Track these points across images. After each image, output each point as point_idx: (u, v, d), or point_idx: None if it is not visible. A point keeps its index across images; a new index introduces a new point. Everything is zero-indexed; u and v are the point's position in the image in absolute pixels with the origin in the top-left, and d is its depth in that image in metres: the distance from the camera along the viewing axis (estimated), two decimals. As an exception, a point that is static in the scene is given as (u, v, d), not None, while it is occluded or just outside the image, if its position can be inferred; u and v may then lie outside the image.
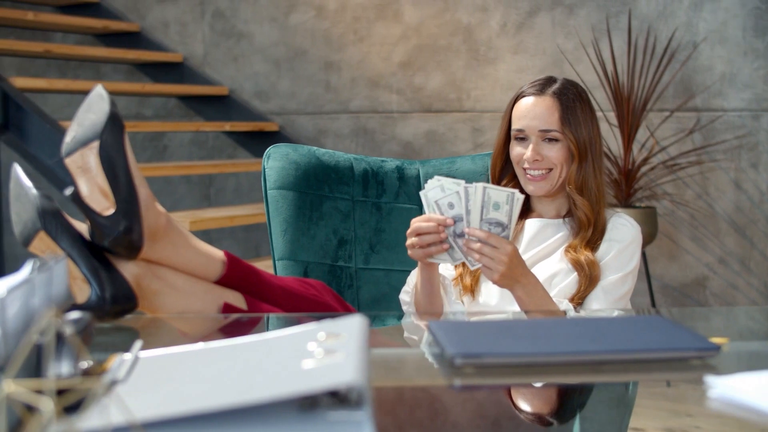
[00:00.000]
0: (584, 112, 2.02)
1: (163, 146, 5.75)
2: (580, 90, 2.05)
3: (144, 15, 5.70)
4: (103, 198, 1.51)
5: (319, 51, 5.16)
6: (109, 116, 1.55)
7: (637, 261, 2.05)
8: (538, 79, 2.08)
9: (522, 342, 1.19)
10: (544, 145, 2.02)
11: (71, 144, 1.56)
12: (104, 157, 1.53)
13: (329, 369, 0.93)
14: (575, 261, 2.00)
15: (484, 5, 4.69)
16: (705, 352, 1.16)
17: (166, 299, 1.55)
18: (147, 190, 1.57)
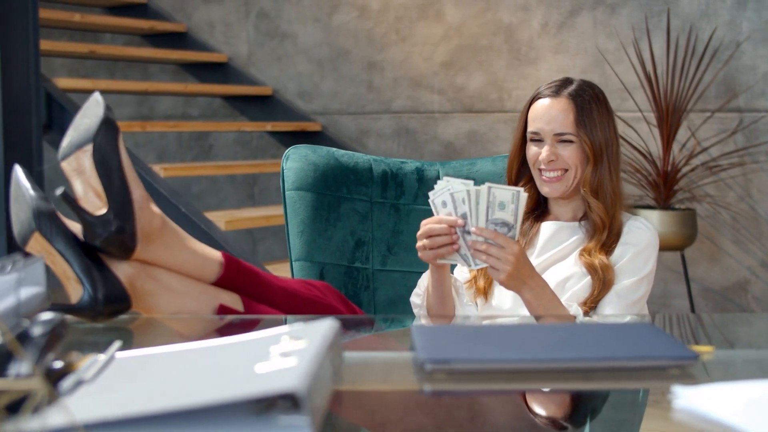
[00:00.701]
0: (600, 114, 1.99)
1: (209, 146, 5.80)
2: (596, 91, 2.03)
3: (190, 15, 5.75)
4: (97, 199, 1.53)
5: (361, 51, 5.16)
6: (103, 120, 1.58)
7: (652, 265, 2.01)
8: (555, 81, 2.06)
9: (497, 348, 1.17)
10: (559, 146, 2.00)
11: (67, 148, 1.59)
12: (98, 159, 1.55)
13: (276, 374, 0.93)
14: (589, 265, 1.98)
15: (525, 5, 4.66)
16: (681, 360, 1.14)
17: (160, 300, 1.55)
18: (141, 192, 1.58)
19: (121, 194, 1.52)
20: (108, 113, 1.59)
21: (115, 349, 1.22)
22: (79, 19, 5.02)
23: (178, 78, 5.77)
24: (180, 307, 1.57)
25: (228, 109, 5.66)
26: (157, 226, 1.57)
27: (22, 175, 1.55)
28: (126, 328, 1.54)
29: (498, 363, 1.13)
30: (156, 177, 4.06)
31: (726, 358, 1.35)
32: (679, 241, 3.87)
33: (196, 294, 1.59)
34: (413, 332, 1.27)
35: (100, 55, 4.93)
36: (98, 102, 1.61)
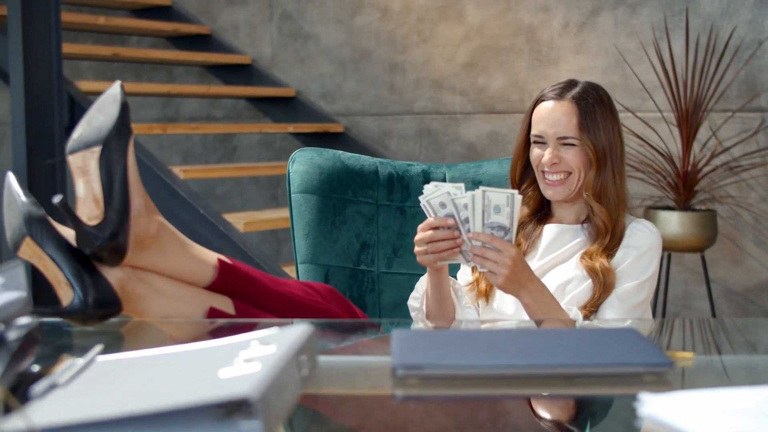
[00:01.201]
0: (604, 117, 1.98)
1: (233, 147, 5.82)
2: (601, 93, 2.02)
3: (215, 17, 5.78)
4: (95, 206, 1.54)
5: (383, 52, 5.17)
6: (117, 122, 1.56)
7: (654, 268, 2.00)
8: (559, 83, 2.05)
9: (471, 354, 1.17)
10: (562, 149, 1.99)
11: (76, 143, 1.58)
12: (104, 164, 1.55)
13: (235, 380, 0.93)
14: (590, 268, 1.97)
15: (546, 5, 4.64)
16: (656, 367, 1.13)
17: (151, 303, 1.56)
18: (141, 200, 1.58)
19: (119, 204, 1.53)
20: (123, 113, 1.58)
21: (95, 353, 1.23)
22: (104, 22, 5.06)
23: (203, 80, 5.81)
24: (171, 311, 1.58)
25: (252, 110, 5.68)
26: (152, 234, 1.58)
27: (15, 181, 1.57)
28: (117, 331, 1.55)
29: (469, 369, 1.13)
30: (175, 179, 4.09)
31: (707, 363, 1.34)
32: (700, 243, 3.84)
33: (187, 298, 1.60)
34: (392, 337, 1.27)
35: (123, 57, 4.96)
36: (116, 97, 1.60)
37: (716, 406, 1.00)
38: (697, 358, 1.36)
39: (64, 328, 1.52)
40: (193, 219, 4.01)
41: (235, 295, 1.67)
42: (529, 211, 2.12)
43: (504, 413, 1.48)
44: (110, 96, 1.61)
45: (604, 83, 4.44)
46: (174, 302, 1.58)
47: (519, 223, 2.10)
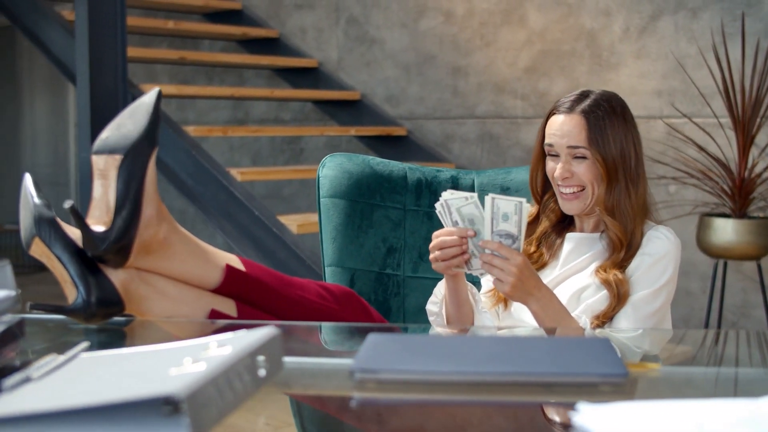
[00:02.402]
0: (615, 129, 1.96)
1: (300, 149, 5.91)
2: (614, 104, 1.99)
3: (284, 21, 5.87)
4: (105, 210, 1.58)
5: (447, 56, 5.19)
6: (143, 134, 1.60)
7: (669, 275, 1.98)
8: (572, 95, 2.03)
9: (431, 360, 1.19)
10: (574, 162, 1.98)
11: (101, 145, 1.63)
12: (122, 173, 1.59)
13: (172, 378, 0.97)
14: (604, 280, 1.96)
15: (607, 9, 4.61)
16: (610, 378, 1.14)
17: (153, 304, 1.62)
18: (153, 210, 1.61)
19: (129, 213, 1.57)
20: (151, 128, 1.61)
21: (78, 350, 1.29)
22: (173, 26, 5.18)
23: (272, 83, 5.90)
24: (173, 312, 1.63)
25: (318, 113, 5.76)
26: (159, 240, 1.62)
27: (30, 183, 1.63)
28: (120, 329, 1.61)
29: (422, 374, 1.15)
30: (233, 181, 4.17)
31: (674, 374, 1.34)
32: (756, 251, 3.78)
33: (189, 300, 1.65)
34: (365, 341, 1.30)
35: (190, 60, 5.08)
36: (148, 106, 1.63)
37: (652, 419, 1.00)
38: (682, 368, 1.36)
39: (69, 325, 1.58)
40: (249, 221, 4.09)
41: (240, 298, 1.72)
42: (550, 223, 2.11)
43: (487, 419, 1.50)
44: (144, 104, 1.65)
45: (663, 89, 4.41)
46: (176, 303, 1.63)
47: (542, 234, 2.11)
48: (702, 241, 3.86)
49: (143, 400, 0.94)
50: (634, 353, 1.75)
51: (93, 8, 4.20)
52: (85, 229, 1.56)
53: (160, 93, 1.66)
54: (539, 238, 2.10)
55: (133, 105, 1.66)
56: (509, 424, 1.11)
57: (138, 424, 0.95)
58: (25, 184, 1.64)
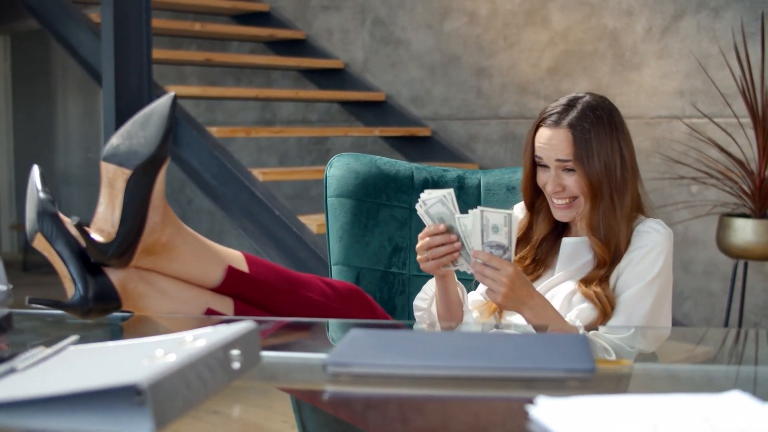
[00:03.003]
0: (600, 141, 1.94)
1: (326, 149, 5.95)
2: (599, 113, 1.96)
3: (311, 23, 5.91)
4: (110, 221, 1.61)
5: (471, 57, 5.21)
6: (155, 151, 1.60)
7: (660, 268, 1.97)
8: (559, 104, 2.01)
9: (403, 355, 1.22)
10: (564, 174, 1.98)
11: (111, 153, 1.63)
12: (130, 188, 1.60)
13: (140, 369, 1.01)
14: (586, 295, 1.96)
15: (629, 9, 4.60)
16: (575, 373, 1.16)
17: (151, 302, 1.65)
18: (159, 217, 1.63)
19: (133, 224, 1.59)
20: (163, 143, 1.60)
21: (66, 344, 1.33)
22: (200, 28, 5.24)
23: (299, 84, 5.95)
24: (170, 309, 1.66)
25: (344, 114, 5.80)
26: (162, 243, 1.64)
27: (38, 176, 1.67)
28: (118, 324, 1.65)
29: (393, 368, 1.18)
30: (254, 181, 4.22)
31: (644, 371, 1.36)
32: (775, 252, 3.76)
33: (187, 298, 1.68)
34: (346, 336, 1.33)
35: (216, 62, 5.13)
36: (163, 117, 1.62)
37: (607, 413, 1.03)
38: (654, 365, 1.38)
39: (68, 320, 1.62)
40: (270, 220, 4.13)
41: (241, 297, 1.75)
42: (545, 229, 2.11)
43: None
44: (159, 112, 1.64)
45: (686, 88, 4.40)
46: (174, 302, 1.67)
47: (537, 241, 2.11)
48: (722, 241, 3.85)
49: (109, 389, 0.98)
50: (627, 353, 1.76)
51: (118, 11, 4.26)
52: (89, 242, 1.59)
53: (174, 98, 1.65)
54: (534, 246, 2.10)
55: (146, 111, 1.65)
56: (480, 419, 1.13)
57: (106, 411, 0.99)
58: (33, 176, 1.67)
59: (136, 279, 1.64)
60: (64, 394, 0.99)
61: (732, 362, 1.54)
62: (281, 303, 1.77)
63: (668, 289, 2.03)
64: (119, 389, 0.97)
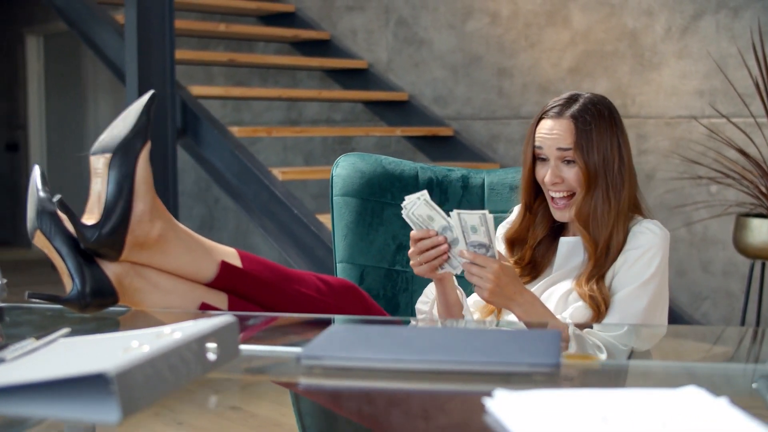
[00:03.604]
0: (600, 133, 1.98)
1: (351, 149, 6.00)
2: (601, 108, 2.01)
3: (335, 23, 5.96)
4: (97, 206, 1.69)
5: (493, 57, 5.23)
6: (129, 133, 1.71)
7: (655, 268, 1.98)
8: (561, 98, 2.06)
9: (375, 348, 1.26)
10: (563, 167, 2.01)
11: (97, 146, 1.74)
12: (112, 170, 1.69)
13: (111, 359, 1.06)
14: (581, 295, 1.99)
15: (649, 9, 4.61)
16: (539, 367, 1.19)
17: (146, 296, 1.71)
18: (146, 206, 1.70)
19: (119, 208, 1.66)
20: (138, 126, 1.71)
21: (57, 336, 1.38)
22: (224, 29, 5.31)
23: (324, 84, 6.01)
24: (165, 304, 1.72)
25: (368, 113, 5.84)
26: (153, 237, 1.71)
27: (38, 176, 1.73)
28: (115, 318, 1.70)
29: (364, 361, 1.22)
30: (274, 180, 4.27)
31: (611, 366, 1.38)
32: (792, 252, 3.76)
33: (182, 293, 1.73)
34: (326, 330, 1.37)
35: (239, 62, 5.20)
36: (138, 109, 1.74)
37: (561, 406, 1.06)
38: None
39: (66, 314, 1.68)
40: (289, 219, 4.19)
41: (235, 292, 1.80)
42: (543, 230, 2.12)
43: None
44: (136, 106, 1.76)
45: (705, 88, 4.40)
46: (169, 296, 1.72)
47: (536, 242, 2.13)
48: (739, 241, 3.85)
49: (80, 378, 1.02)
50: (620, 351, 1.78)
51: (141, 12, 4.34)
52: (75, 222, 1.66)
53: (153, 96, 1.76)
54: (532, 247, 2.12)
55: (129, 108, 1.76)
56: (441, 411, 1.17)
57: (78, 399, 1.04)
58: (33, 176, 1.74)
59: (132, 274, 1.70)
60: (40, 382, 1.04)
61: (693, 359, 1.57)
62: (275, 298, 1.81)
63: (664, 289, 2.04)
64: (90, 378, 1.02)
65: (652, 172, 4.57)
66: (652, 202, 4.51)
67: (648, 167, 4.58)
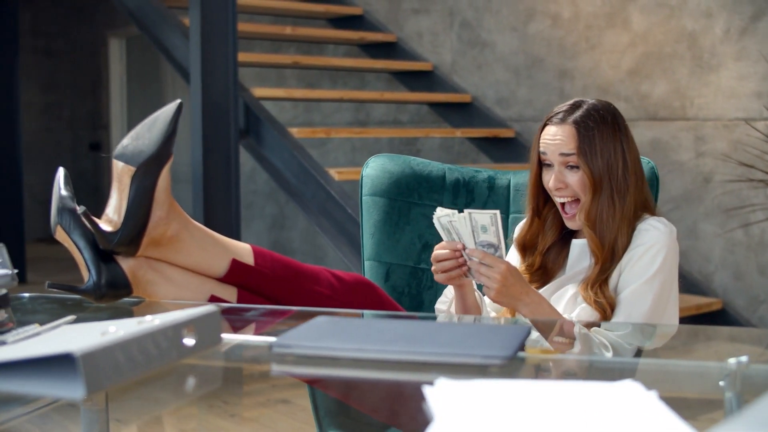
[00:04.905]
0: (603, 139, 2.01)
1: (417, 150, 6.08)
2: (603, 113, 2.05)
3: (402, 26, 6.05)
4: (117, 213, 1.79)
5: (554, 59, 5.26)
6: (156, 150, 1.78)
7: (660, 264, 2.00)
8: (565, 105, 2.10)
9: (343, 339, 1.34)
10: (567, 172, 2.04)
11: (120, 152, 1.82)
12: (135, 183, 1.78)
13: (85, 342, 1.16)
14: (586, 299, 2.02)
15: (708, 11, 4.59)
16: (490, 359, 1.26)
17: (159, 288, 1.81)
18: (163, 212, 1.79)
19: (138, 218, 1.76)
20: (165, 143, 1.78)
21: (62, 322, 1.49)
22: (291, 32, 5.43)
23: (391, 86, 6.10)
24: (176, 296, 1.82)
25: (433, 115, 5.91)
26: (168, 236, 1.81)
27: (61, 176, 1.85)
28: (128, 309, 1.81)
29: (329, 351, 1.30)
30: (330, 181, 4.37)
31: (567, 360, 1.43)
32: None
33: (193, 286, 1.83)
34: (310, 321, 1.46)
35: (304, 65, 5.31)
36: (166, 121, 1.81)
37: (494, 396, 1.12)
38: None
39: (84, 304, 1.79)
40: (343, 218, 4.28)
41: (247, 287, 1.89)
42: (554, 234, 2.15)
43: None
44: (163, 116, 1.83)
45: (763, 90, 4.36)
46: (180, 289, 1.82)
47: (546, 246, 2.17)
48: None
49: (50, 357, 1.13)
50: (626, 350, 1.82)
51: (205, 15, 4.48)
52: (97, 230, 1.77)
53: (180, 106, 1.83)
54: (542, 253, 2.16)
55: (154, 115, 1.84)
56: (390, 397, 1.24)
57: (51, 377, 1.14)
58: (57, 177, 1.86)
59: (146, 267, 1.80)
60: (15, 361, 1.14)
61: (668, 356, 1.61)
62: (285, 293, 1.90)
63: (671, 286, 2.05)
64: (60, 358, 1.12)
65: (710, 174, 4.55)
66: (709, 204, 4.51)
67: (706, 169, 4.57)
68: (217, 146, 4.55)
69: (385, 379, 1.30)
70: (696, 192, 4.60)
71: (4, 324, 1.48)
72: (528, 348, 1.42)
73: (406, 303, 2.49)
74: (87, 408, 1.67)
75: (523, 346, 1.36)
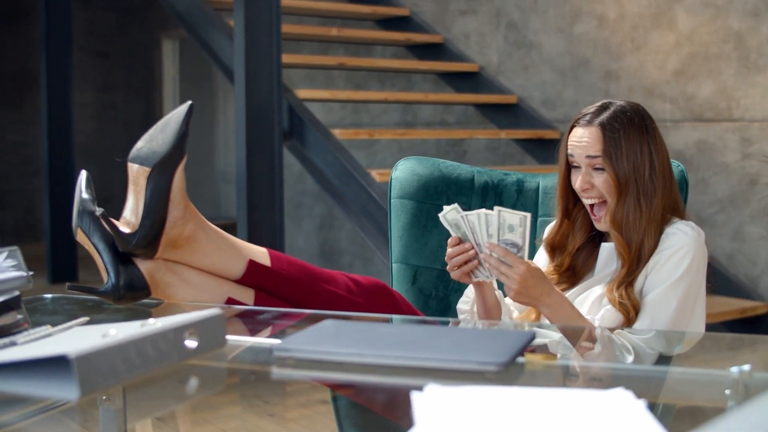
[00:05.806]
0: (630, 142, 2.01)
1: (463, 151, 6.07)
2: (631, 115, 2.04)
3: (449, 27, 6.05)
4: (134, 214, 1.82)
5: (600, 60, 5.22)
6: (169, 151, 1.82)
7: (686, 268, 1.99)
8: (593, 107, 2.09)
9: (344, 343, 1.35)
10: (593, 173, 2.04)
11: (135, 155, 1.86)
12: (150, 183, 1.82)
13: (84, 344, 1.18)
14: (611, 301, 2.02)
15: (754, 10, 4.52)
16: (484, 365, 1.26)
17: (176, 290, 1.84)
18: (180, 212, 1.83)
19: (155, 219, 1.79)
20: (178, 143, 1.83)
21: (74, 324, 1.53)
22: (336, 33, 5.46)
23: (438, 87, 6.10)
24: (194, 298, 1.85)
25: (480, 116, 5.90)
26: (185, 238, 1.84)
27: (83, 179, 1.89)
28: (147, 311, 1.84)
29: (328, 355, 1.31)
30: (371, 182, 4.39)
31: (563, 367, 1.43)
32: None
33: (210, 288, 1.86)
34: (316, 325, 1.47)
35: (348, 66, 5.34)
36: (178, 122, 1.85)
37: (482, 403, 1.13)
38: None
39: (104, 305, 1.83)
40: (383, 219, 4.30)
41: (264, 289, 1.91)
42: (583, 236, 2.16)
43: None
44: (176, 118, 1.87)
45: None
46: (198, 291, 1.85)
47: (576, 248, 2.17)
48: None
49: (45, 359, 1.15)
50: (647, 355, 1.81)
51: (249, 17, 4.52)
52: (116, 231, 1.80)
53: (191, 107, 1.87)
54: (571, 254, 2.16)
55: (167, 117, 1.88)
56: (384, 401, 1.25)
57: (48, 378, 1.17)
58: (79, 180, 1.90)
59: (164, 269, 1.83)
60: (15, 362, 1.17)
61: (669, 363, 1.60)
62: (302, 296, 1.92)
63: (698, 290, 2.04)
64: (55, 359, 1.15)
65: (756, 176, 4.49)
66: (755, 207, 4.44)
67: (752, 171, 4.50)
68: (260, 147, 4.59)
69: (381, 383, 1.31)
70: (742, 194, 4.54)
71: (19, 324, 1.52)
72: (528, 355, 1.42)
73: (433, 306, 2.50)
74: (105, 408, 1.71)
75: (523, 352, 1.36)
